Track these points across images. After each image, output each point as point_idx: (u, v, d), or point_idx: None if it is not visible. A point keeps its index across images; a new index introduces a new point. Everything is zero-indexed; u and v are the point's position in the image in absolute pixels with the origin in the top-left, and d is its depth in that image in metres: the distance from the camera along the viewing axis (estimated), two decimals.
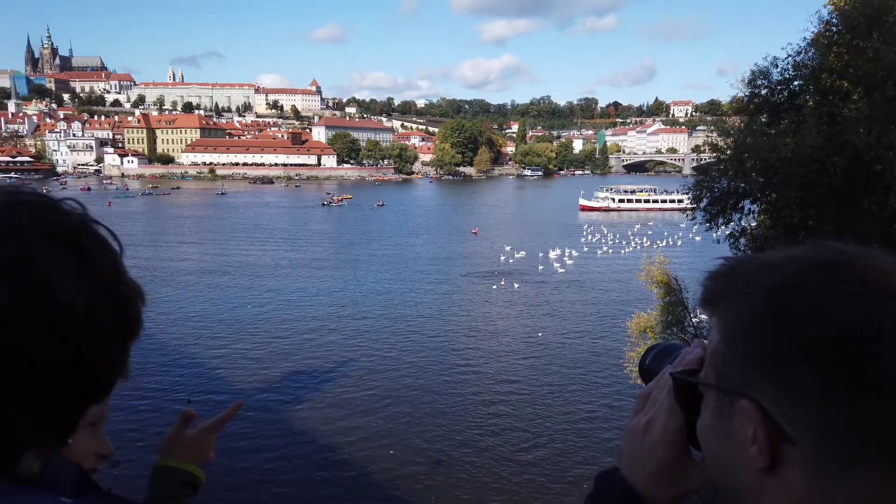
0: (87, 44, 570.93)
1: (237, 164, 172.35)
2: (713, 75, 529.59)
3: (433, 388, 25.27)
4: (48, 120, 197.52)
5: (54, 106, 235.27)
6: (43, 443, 0.70)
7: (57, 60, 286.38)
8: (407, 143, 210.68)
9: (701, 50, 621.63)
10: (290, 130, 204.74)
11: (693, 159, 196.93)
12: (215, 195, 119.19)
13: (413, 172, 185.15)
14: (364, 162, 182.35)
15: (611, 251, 58.75)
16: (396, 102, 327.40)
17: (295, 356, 29.06)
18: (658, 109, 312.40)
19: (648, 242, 61.07)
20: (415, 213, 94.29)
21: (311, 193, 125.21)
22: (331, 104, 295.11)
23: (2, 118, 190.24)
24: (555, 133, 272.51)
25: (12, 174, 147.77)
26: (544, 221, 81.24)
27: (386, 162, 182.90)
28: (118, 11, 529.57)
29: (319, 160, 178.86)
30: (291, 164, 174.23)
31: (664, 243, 59.87)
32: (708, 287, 0.74)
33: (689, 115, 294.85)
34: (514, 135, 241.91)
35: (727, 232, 17.76)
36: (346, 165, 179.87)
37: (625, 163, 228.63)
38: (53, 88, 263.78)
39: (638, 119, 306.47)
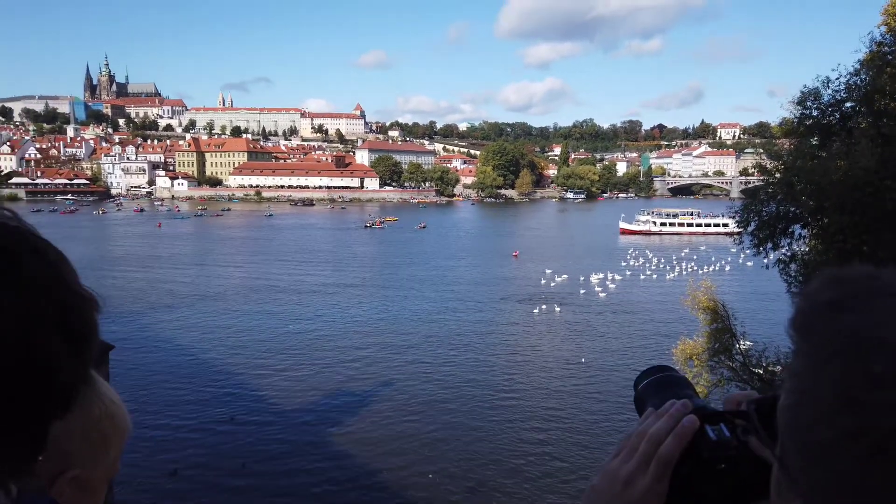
0: (143, 71, 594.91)
1: (282, 186, 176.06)
2: (762, 97, 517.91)
3: (474, 413, 25.06)
4: (104, 144, 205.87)
5: (110, 130, 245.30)
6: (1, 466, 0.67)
7: (114, 87, 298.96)
8: (448, 165, 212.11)
9: (750, 71, 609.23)
10: (335, 154, 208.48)
11: (741, 182, 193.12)
12: (263, 217, 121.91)
13: (454, 195, 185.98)
14: (406, 184, 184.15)
15: (654, 276, 57.70)
16: (439, 126, 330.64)
17: (336, 377, 29.26)
18: (704, 132, 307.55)
19: (694, 267, 59.76)
20: (456, 235, 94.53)
21: (354, 215, 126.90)
22: (374, 128, 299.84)
23: (61, 142, 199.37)
24: (598, 156, 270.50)
25: (69, 196, 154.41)
26: (585, 244, 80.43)
27: (427, 184, 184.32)
28: (173, 40, 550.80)
29: (362, 183, 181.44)
30: (335, 187, 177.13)
31: (711, 268, 58.53)
32: (801, 311, 0.66)
33: (736, 138, 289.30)
34: (557, 157, 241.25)
35: (776, 257, 17.26)
36: (388, 188, 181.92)
37: (670, 186, 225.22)
38: (110, 114, 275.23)
39: (683, 142, 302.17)
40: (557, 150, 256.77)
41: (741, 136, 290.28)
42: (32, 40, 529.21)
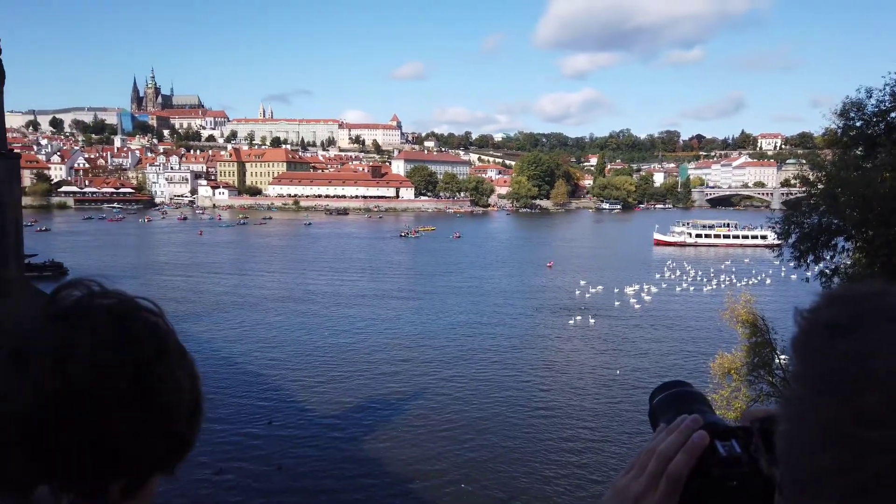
0: (187, 83, 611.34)
1: (319, 195, 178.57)
2: (805, 107, 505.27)
3: (507, 425, 24.98)
4: (149, 154, 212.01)
5: (155, 141, 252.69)
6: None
7: (159, 99, 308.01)
8: (483, 176, 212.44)
9: (792, 81, 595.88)
10: (371, 164, 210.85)
11: (782, 193, 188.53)
12: (302, 225, 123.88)
13: (489, 205, 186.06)
14: (441, 194, 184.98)
15: (691, 288, 56.73)
16: (474, 136, 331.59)
17: (369, 385, 29.50)
18: (744, 142, 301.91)
19: (734, 280, 58.57)
20: (490, 245, 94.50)
21: (390, 225, 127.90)
22: (410, 138, 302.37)
23: (108, 152, 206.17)
24: (634, 166, 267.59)
25: (115, 204, 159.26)
26: (620, 256, 79.58)
27: (462, 194, 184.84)
28: (217, 53, 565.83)
29: (398, 192, 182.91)
30: (371, 197, 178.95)
31: (750, 281, 57.32)
32: (801, 331, 0.65)
33: (778, 149, 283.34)
34: (593, 168, 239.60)
35: (819, 270, 16.90)
36: (423, 198, 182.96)
37: (709, 197, 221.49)
38: (155, 125, 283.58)
39: (723, 152, 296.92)
40: (593, 161, 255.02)
41: (783, 146, 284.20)
42: (83, 54, 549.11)
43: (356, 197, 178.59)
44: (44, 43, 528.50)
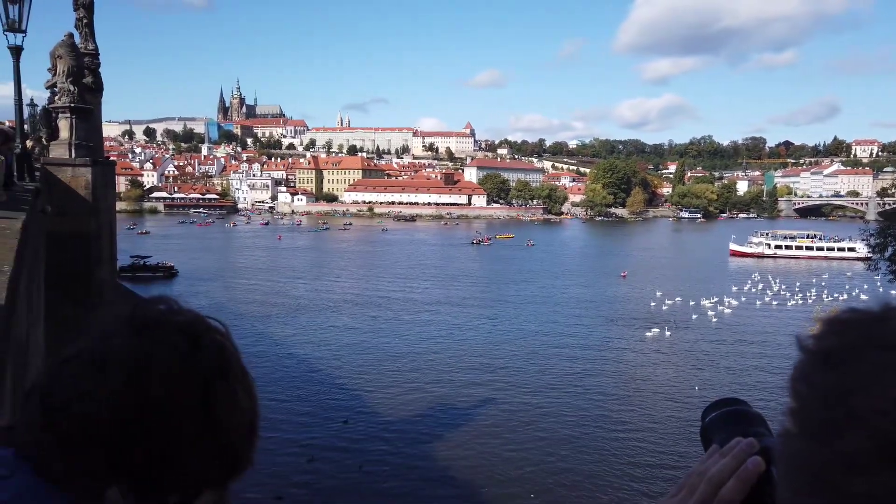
0: (270, 93, 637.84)
1: (393, 202, 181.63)
2: None
3: (579, 437, 24.48)
4: (233, 161, 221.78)
5: (239, 149, 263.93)
6: None
7: (243, 109, 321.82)
8: (557, 183, 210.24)
9: (892, 84, 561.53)
10: (444, 171, 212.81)
11: (879, 203, 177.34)
12: (378, 232, 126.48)
13: (562, 213, 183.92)
14: (513, 202, 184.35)
15: (774, 302, 53.92)
16: (548, 143, 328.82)
17: (441, 391, 29.63)
18: (837, 149, 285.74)
19: (823, 294, 55.32)
20: (564, 253, 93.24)
21: (462, 232, 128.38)
22: (483, 146, 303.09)
23: (196, 160, 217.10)
24: (716, 174, 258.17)
25: (201, 209, 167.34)
26: (694, 266, 76.82)
27: (535, 202, 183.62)
28: (298, 64, 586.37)
29: (470, 200, 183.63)
30: (443, 204, 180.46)
31: (842, 296, 54.06)
32: (797, 362, 0.63)
33: (874, 156, 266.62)
34: (671, 175, 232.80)
35: None
36: (495, 205, 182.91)
37: (797, 206, 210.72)
38: (239, 134, 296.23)
39: (812, 159, 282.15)
40: (672, 168, 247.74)
41: (879, 153, 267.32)
42: (175, 68, 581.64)
43: (429, 204, 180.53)
44: (140, 57, 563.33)
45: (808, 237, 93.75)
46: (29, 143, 17.15)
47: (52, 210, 13.85)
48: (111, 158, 25.97)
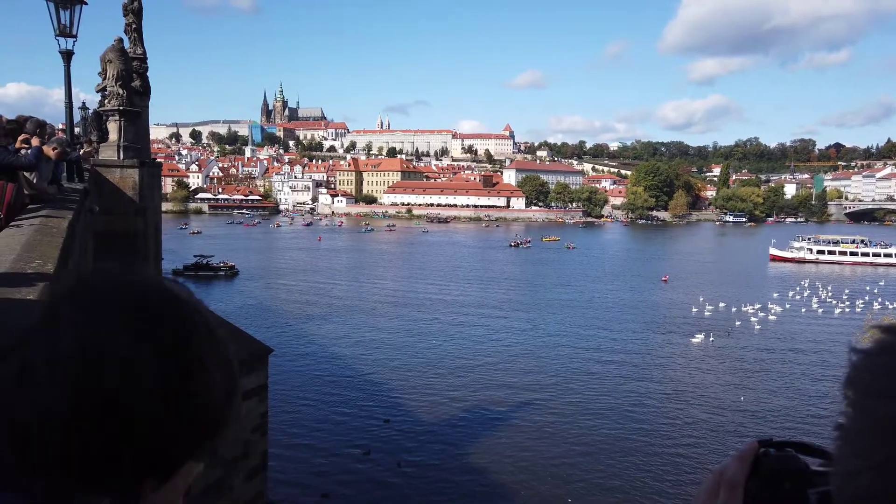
0: (312, 96, 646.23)
1: (431, 204, 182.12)
2: None
3: (622, 446, 24.00)
4: (276, 163, 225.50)
5: (281, 151, 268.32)
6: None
7: (286, 112, 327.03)
8: (597, 185, 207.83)
9: None
10: (482, 173, 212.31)
11: None
12: (419, 234, 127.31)
13: (602, 216, 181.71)
14: (552, 204, 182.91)
15: (820, 309, 52.15)
16: (589, 145, 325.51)
17: (479, 393, 29.53)
18: (891, 151, 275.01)
19: (876, 302, 53.18)
20: (604, 257, 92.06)
21: (500, 234, 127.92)
22: (522, 148, 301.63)
23: (239, 162, 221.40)
24: (762, 177, 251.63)
25: (244, 210, 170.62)
26: (736, 272, 74.90)
27: (574, 205, 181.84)
28: (340, 68, 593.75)
29: (508, 202, 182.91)
30: (482, 206, 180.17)
31: (893, 305, 51.92)
32: (853, 365, 0.62)
33: None
34: (715, 178, 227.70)
35: None
36: (534, 207, 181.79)
37: (847, 210, 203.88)
38: (282, 136, 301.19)
39: (864, 162, 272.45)
40: (716, 171, 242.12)
41: None
42: (221, 72, 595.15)
43: (467, 206, 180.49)
44: (187, 61, 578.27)
45: (852, 242, 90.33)
46: (82, 151, 17.70)
47: (100, 210, 14.24)
48: (158, 160, 26.65)
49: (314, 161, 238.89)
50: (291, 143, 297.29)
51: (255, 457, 11.92)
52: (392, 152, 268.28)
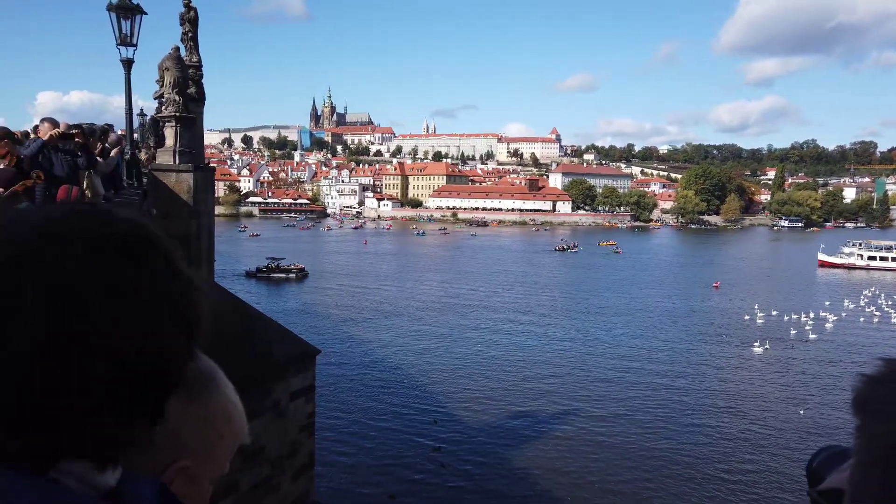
0: (360, 101, 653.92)
1: (476, 208, 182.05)
2: None
3: (673, 459, 23.38)
4: (324, 168, 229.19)
5: (329, 156, 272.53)
6: (105, 443, 0.69)
7: (334, 117, 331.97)
8: (646, 189, 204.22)
9: None
10: (528, 177, 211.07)
11: None
12: (466, 238, 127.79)
13: (651, 220, 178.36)
14: (599, 208, 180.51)
15: (878, 319, 49.91)
16: (638, 148, 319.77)
17: (524, 399, 29.39)
18: None
19: None
20: (652, 262, 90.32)
21: (546, 238, 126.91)
22: (569, 151, 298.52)
23: (288, 166, 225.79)
24: (820, 180, 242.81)
25: (293, 213, 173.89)
26: (782, 278, 72.41)
27: (622, 209, 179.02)
28: (387, 73, 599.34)
29: (554, 206, 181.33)
30: (527, 210, 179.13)
31: None
32: (857, 390, 0.62)
33: None
34: (770, 182, 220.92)
35: None
36: (580, 211, 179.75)
37: None
38: (330, 141, 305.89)
39: None
40: (771, 174, 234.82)
41: None
42: (272, 77, 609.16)
43: (512, 210, 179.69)
44: (240, 67, 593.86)
45: None
46: (143, 156, 18.34)
47: (157, 213, 14.69)
48: (211, 164, 27.30)
49: (361, 165, 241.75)
50: (339, 147, 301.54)
51: (302, 456, 12.10)
52: (437, 156, 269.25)
